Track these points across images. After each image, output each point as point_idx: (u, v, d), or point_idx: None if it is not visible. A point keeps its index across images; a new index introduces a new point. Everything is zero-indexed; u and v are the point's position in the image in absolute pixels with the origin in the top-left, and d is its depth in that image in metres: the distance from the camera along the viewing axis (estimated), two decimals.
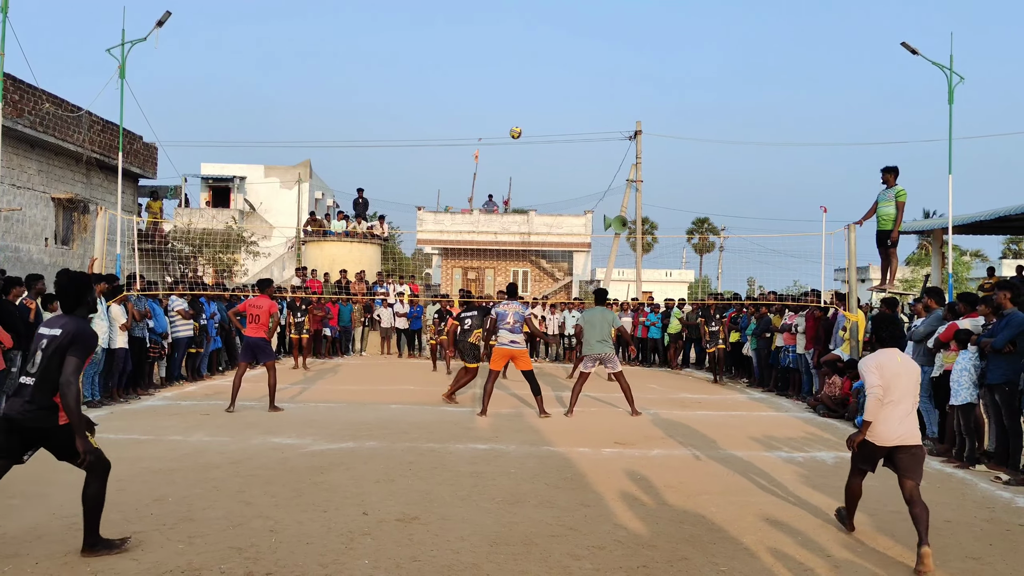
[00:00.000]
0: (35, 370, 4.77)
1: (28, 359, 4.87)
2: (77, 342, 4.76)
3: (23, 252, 19.25)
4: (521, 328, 11.40)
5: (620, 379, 11.67)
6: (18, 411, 4.73)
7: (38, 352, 4.81)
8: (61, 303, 5.01)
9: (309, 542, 5.35)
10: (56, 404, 4.76)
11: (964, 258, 42.80)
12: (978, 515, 6.56)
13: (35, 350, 4.84)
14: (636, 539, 5.63)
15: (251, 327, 11.28)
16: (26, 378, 4.79)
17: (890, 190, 12.38)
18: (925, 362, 9.61)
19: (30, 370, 4.80)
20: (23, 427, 4.74)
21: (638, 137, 27.87)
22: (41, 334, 4.89)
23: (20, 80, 18.05)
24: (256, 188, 36.24)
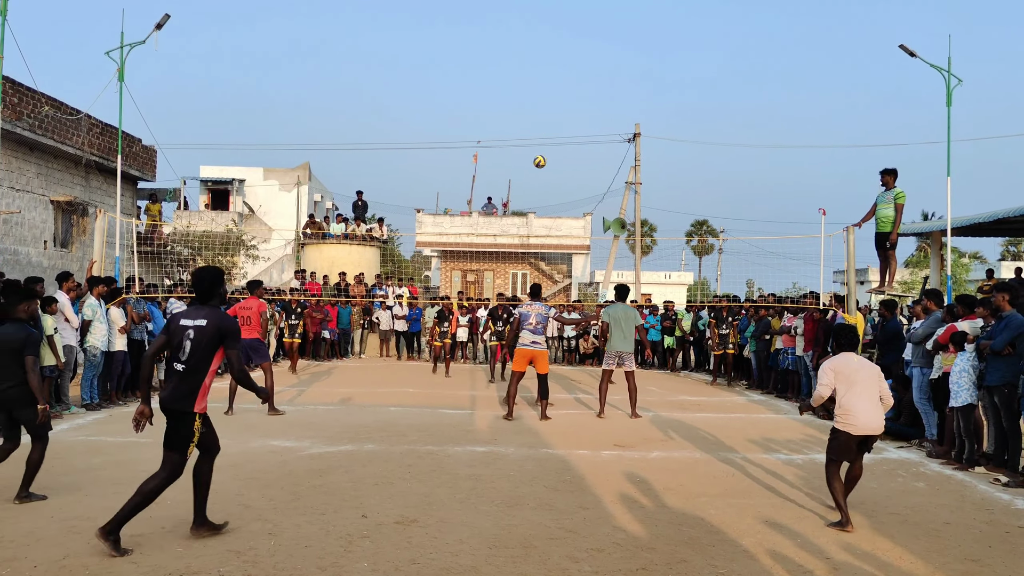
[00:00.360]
0: (185, 358, 5.21)
1: (177, 348, 5.23)
2: (228, 336, 5.27)
3: (22, 255, 19.24)
4: (544, 329, 11.40)
5: (631, 379, 11.73)
6: (167, 395, 5.20)
7: (187, 342, 5.22)
8: (197, 294, 5.42)
9: (308, 545, 5.35)
10: (195, 390, 5.21)
11: (963, 260, 42.84)
12: (977, 517, 6.56)
13: (182, 340, 5.23)
14: (635, 541, 5.62)
15: (244, 329, 11.22)
16: (177, 364, 5.23)
17: (889, 192, 12.38)
18: (924, 364, 9.61)
19: (181, 358, 5.22)
20: (167, 409, 5.19)
21: (637, 139, 27.89)
22: (185, 325, 5.26)
23: (19, 83, 18.05)
24: (255, 191, 36.23)
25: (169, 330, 5.34)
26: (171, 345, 5.30)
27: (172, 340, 5.29)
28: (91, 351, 11.15)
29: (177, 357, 5.25)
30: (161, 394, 5.26)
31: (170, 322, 5.39)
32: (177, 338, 5.27)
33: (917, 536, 5.94)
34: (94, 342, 11.13)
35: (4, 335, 6.31)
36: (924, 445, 9.57)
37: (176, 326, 5.32)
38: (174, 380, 5.23)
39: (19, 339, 6.27)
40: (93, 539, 5.30)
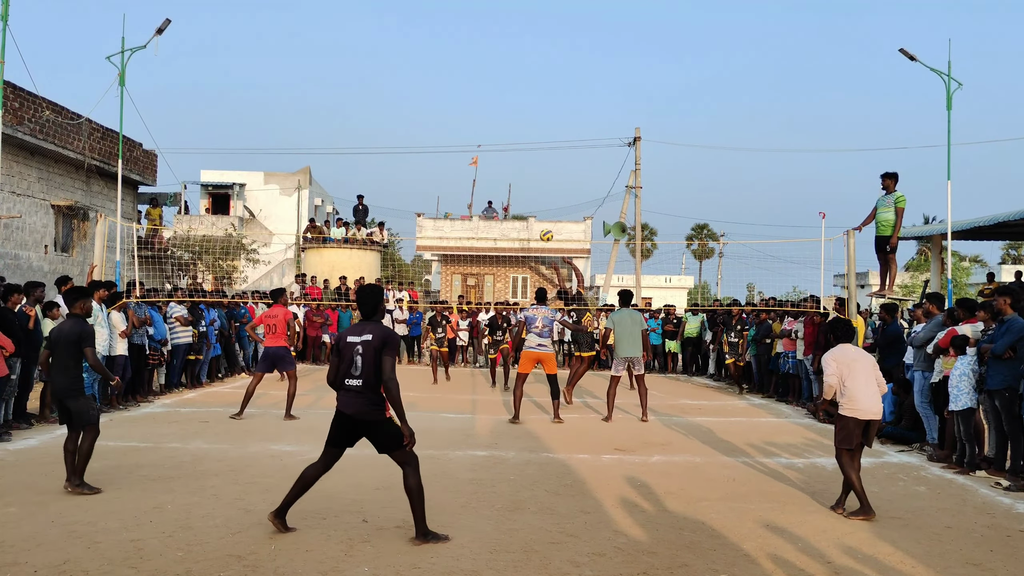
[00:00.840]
0: (359, 373, 5.50)
1: (349, 364, 5.52)
2: (388, 344, 5.50)
3: (23, 259, 19.25)
4: (550, 333, 11.51)
5: (641, 382, 11.82)
6: (355, 409, 5.51)
7: (357, 357, 5.51)
8: (362, 311, 5.75)
9: (308, 549, 5.34)
10: (382, 399, 5.50)
11: (963, 264, 42.81)
12: (979, 521, 6.55)
13: (352, 356, 5.52)
14: (636, 546, 5.62)
15: (270, 337, 11.41)
16: (352, 380, 5.52)
17: (889, 196, 12.37)
18: (925, 368, 9.60)
19: (354, 373, 5.51)
20: (357, 421, 5.53)
21: (637, 143, 27.91)
22: (352, 342, 5.56)
23: (20, 88, 18.07)
24: (256, 195, 36.25)
25: (339, 349, 5.63)
26: (342, 363, 5.56)
27: (343, 357, 5.56)
28: None
29: (350, 373, 5.52)
30: (345, 408, 5.55)
31: (338, 341, 5.69)
32: (348, 355, 5.55)
33: (918, 540, 5.93)
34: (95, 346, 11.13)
35: (64, 330, 6.84)
36: (925, 449, 9.56)
37: (344, 344, 5.60)
38: (354, 396, 5.52)
39: (75, 333, 6.78)
40: (93, 543, 5.30)
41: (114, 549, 5.23)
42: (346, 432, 5.65)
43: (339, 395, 5.60)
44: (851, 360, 6.78)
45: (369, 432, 5.60)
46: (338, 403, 5.61)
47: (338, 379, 5.59)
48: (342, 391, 5.57)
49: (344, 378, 5.55)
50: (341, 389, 5.58)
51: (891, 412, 10.61)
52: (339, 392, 5.60)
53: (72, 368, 6.79)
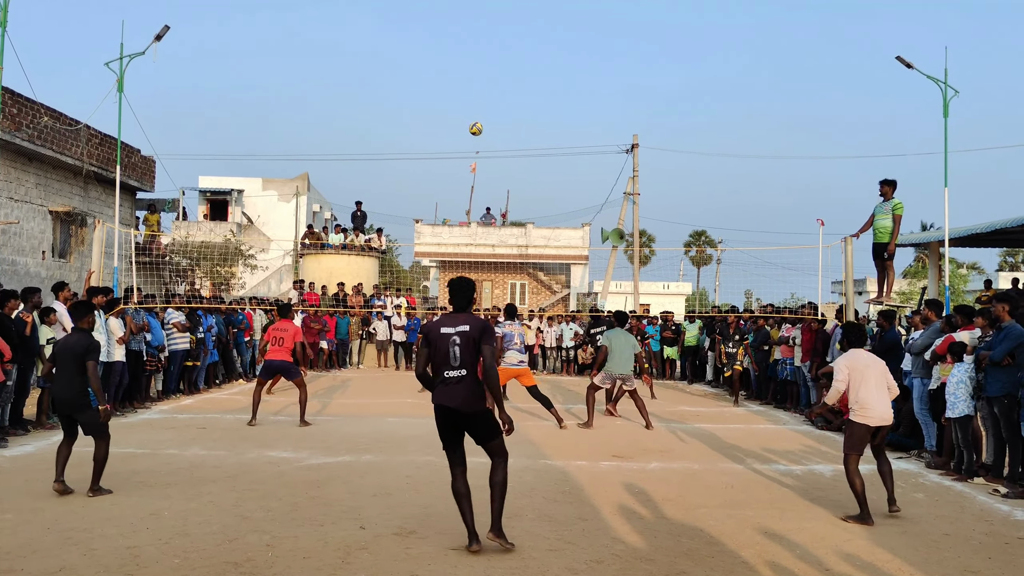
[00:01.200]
0: (458, 363, 5.43)
1: (445, 355, 5.43)
2: (486, 332, 5.48)
3: (20, 265, 19.23)
4: (524, 348, 11.81)
5: (635, 396, 11.86)
6: (459, 401, 5.41)
7: (454, 348, 5.43)
8: (456, 304, 5.66)
9: (306, 557, 5.33)
10: (483, 389, 5.50)
11: (961, 271, 42.91)
12: (977, 528, 6.54)
13: (448, 347, 5.43)
14: (634, 553, 5.61)
15: (275, 350, 11.39)
16: (451, 372, 5.44)
17: (887, 203, 12.40)
18: (924, 374, 9.60)
19: (453, 363, 5.43)
20: (461, 413, 5.43)
21: (635, 150, 27.96)
22: (446, 333, 5.47)
23: (18, 94, 18.08)
24: (254, 201, 36.26)
25: (430, 340, 5.51)
26: (436, 355, 5.47)
27: (438, 349, 5.46)
28: None
29: (448, 364, 5.44)
30: (449, 402, 5.43)
31: (429, 333, 5.55)
32: (443, 346, 5.45)
33: (916, 547, 5.93)
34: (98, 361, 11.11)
35: (69, 343, 6.98)
36: (923, 456, 9.56)
37: (438, 335, 5.49)
38: (455, 387, 5.43)
39: (82, 346, 6.88)
40: (89, 550, 5.29)
41: (110, 556, 5.22)
42: (454, 426, 5.53)
43: (440, 387, 5.48)
44: (863, 366, 6.81)
45: (470, 423, 5.51)
46: (437, 397, 5.49)
47: (433, 371, 5.51)
48: (441, 384, 5.47)
49: (443, 370, 5.45)
50: (439, 382, 5.47)
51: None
52: (437, 385, 5.50)
53: (78, 381, 6.85)
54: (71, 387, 6.84)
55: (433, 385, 5.55)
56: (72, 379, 6.83)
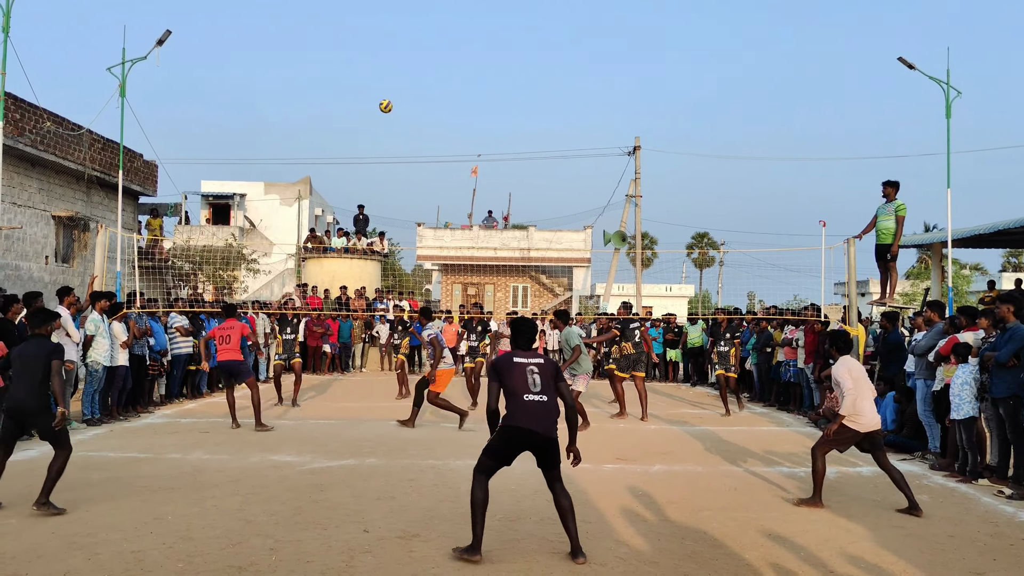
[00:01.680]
0: (539, 389, 5.53)
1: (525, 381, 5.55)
2: (559, 371, 5.74)
3: (23, 270, 19.25)
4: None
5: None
6: (545, 426, 5.48)
7: (534, 376, 5.57)
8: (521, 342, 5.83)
9: (309, 560, 5.33)
10: (558, 416, 5.57)
11: (964, 271, 42.84)
12: (981, 530, 6.53)
13: (526, 374, 5.56)
14: (638, 556, 5.60)
15: (223, 350, 11.30)
16: (533, 396, 5.51)
17: (890, 204, 12.39)
18: (927, 376, 9.58)
19: (534, 389, 5.53)
20: (540, 439, 5.49)
21: (637, 152, 27.97)
22: (522, 362, 5.63)
23: (21, 99, 18.10)
24: (256, 205, 36.29)
25: (506, 371, 5.58)
26: (516, 380, 5.54)
27: (515, 376, 5.54)
28: (93, 366, 11.14)
29: (529, 389, 5.51)
30: (531, 425, 5.46)
31: (502, 365, 5.63)
32: (520, 373, 5.55)
33: (921, 549, 5.91)
34: (96, 357, 11.13)
35: (29, 349, 6.62)
36: (927, 458, 9.54)
37: (513, 364, 5.60)
38: (541, 411, 5.49)
39: (46, 349, 6.56)
40: (93, 554, 5.29)
41: (114, 560, 5.22)
42: (519, 448, 5.57)
43: (519, 411, 5.47)
44: (860, 374, 7.09)
45: (542, 448, 5.55)
46: (519, 420, 5.46)
47: (516, 395, 5.50)
48: (524, 405, 5.47)
49: (523, 393, 5.49)
50: (522, 404, 5.47)
51: (893, 420, 10.59)
52: (519, 407, 5.47)
53: (42, 387, 6.49)
54: (34, 393, 6.45)
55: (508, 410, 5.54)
56: (35, 385, 6.44)
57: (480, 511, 5.45)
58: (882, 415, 10.76)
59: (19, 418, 6.56)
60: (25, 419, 6.56)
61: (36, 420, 6.55)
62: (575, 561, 5.34)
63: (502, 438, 5.54)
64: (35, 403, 6.48)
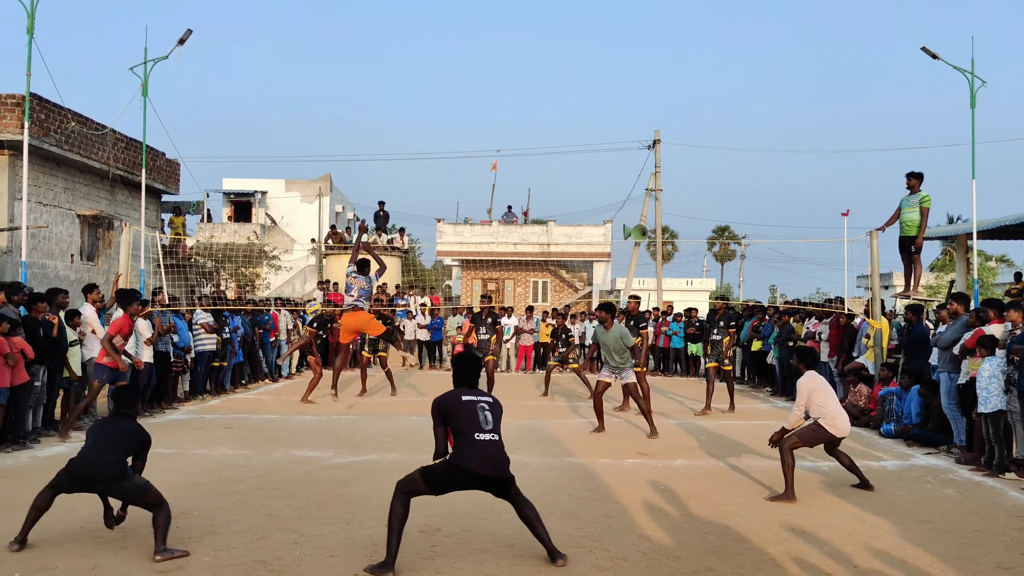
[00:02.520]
0: (490, 428, 5.28)
1: (474, 420, 5.26)
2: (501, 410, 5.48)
3: (50, 268, 19.50)
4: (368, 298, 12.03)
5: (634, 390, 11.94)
6: (494, 468, 5.21)
7: (485, 413, 5.31)
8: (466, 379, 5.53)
9: (333, 555, 5.37)
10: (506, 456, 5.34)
11: (989, 263, 42.22)
12: (1009, 524, 6.46)
13: (476, 412, 5.29)
14: (660, 550, 5.59)
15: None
16: (484, 435, 5.23)
17: (914, 195, 12.24)
18: (952, 369, 9.47)
19: (485, 427, 5.26)
20: (491, 481, 5.25)
21: (657, 146, 27.82)
22: (471, 400, 5.35)
23: (46, 99, 18.32)
24: (277, 202, 36.51)
25: (452, 410, 5.30)
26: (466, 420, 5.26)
27: (465, 415, 5.27)
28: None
29: (480, 428, 5.23)
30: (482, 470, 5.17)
31: (448, 403, 5.33)
32: (470, 412, 5.28)
33: (947, 544, 5.86)
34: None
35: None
36: (953, 452, 9.44)
37: (460, 403, 5.33)
38: (492, 451, 5.23)
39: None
40: (121, 548, 5.36)
41: (141, 554, 5.29)
42: (461, 487, 5.33)
43: (470, 452, 5.17)
44: (825, 385, 7.53)
45: (494, 487, 5.33)
46: (469, 462, 5.15)
47: (466, 434, 5.21)
48: (476, 445, 5.17)
49: (474, 432, 5.21)
50: (473, 444, 5.18)
51: (918, 414, 10.49)
52: (470, 448, 5.17)
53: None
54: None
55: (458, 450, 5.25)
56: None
57: (399, 526, 5.11)
58: (907, 409, 10.68)
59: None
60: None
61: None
62: (555, 564, 5.17)
63: (447, 474, 5.22)
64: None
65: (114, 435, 5.67)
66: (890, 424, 10.76)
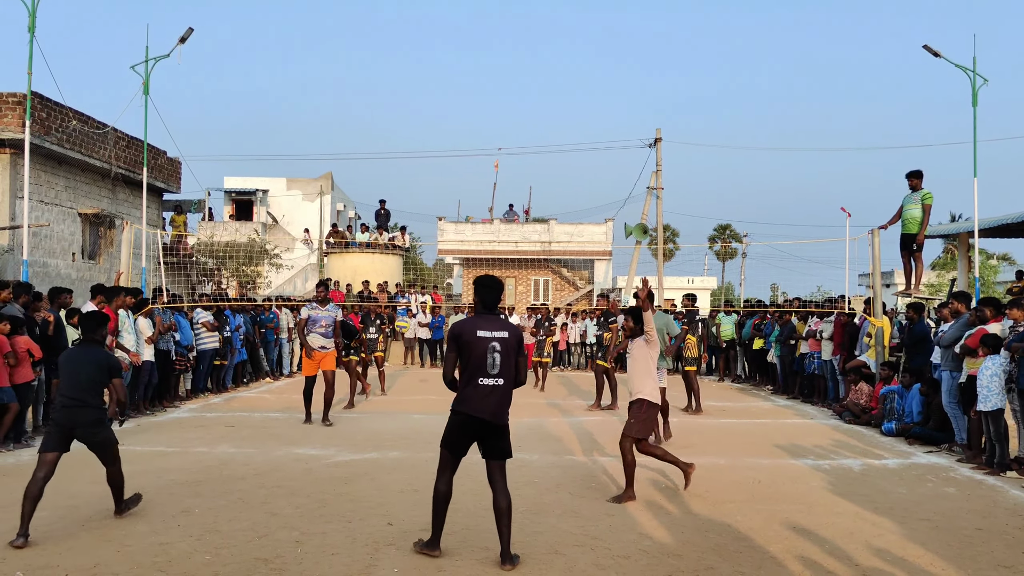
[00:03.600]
0: (497, 371, 5.09)
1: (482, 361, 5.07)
2: (522, 343, 5.28)
3: (51, 267, 19.53)
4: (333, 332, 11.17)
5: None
6: (492, 411, 5.11)
7: (495, 354, 5.07)
8: (487, 301, 5.27)
9: (335, 553, 5.37)
10: (509, 403, 5.25)
11: (991, 262, 42.19)
12: (1010, 523, 6.46)
13: (486, 352, 5.07)
14: (662, 548, 5.59)
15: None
16: (488, 380, 5.09)
17: (916, 193, 12.26)
18: (953, 367, 9.46)
19: (491, 371, 5.08)
20: (491, 426, 5.14)
21: (658, 144, 27.80)
22: (484, 336, 5.09)
23: (47, 98, 18.35)
24: (279, 201, 36.52)
25: (462, 342, 5.10)
26: (473, 358, 5.09)
27: (474, 353, 5.08)
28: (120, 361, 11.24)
29: (485, 371, 5.08)
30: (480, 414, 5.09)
31: (461, 335, 5.11)
32: (480, 350, 5.07)
33: (948, 542, 5.86)
34: (122, 353, 11.23)
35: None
36: (954, 450, 9.44)
37: (475, 338, 5.08)
38: (490, 396, 5.09)
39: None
40: (123, 546, 5.38)
41: (143, 553, 5.30)
42: (471, 437, 5.21)
43: (468, 395, 5.10)
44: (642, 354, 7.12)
45: (492, 435, 5.18)
46: (465, 405, 5.11)
47: (472, 376, 5.07)
48: (478, 390, 5.07)
49: (479, 377, 5.06)
50: (476, 388, 5.08)
51: (919, 413, 10.49)
52: (467, 391, 5.11)
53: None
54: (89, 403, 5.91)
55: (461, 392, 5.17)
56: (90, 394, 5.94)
57: (442, 506, 5.21)
58: (908, 407, 10.67)
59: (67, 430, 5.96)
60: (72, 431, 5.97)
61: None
62: (502, 567, 5.06)
63: (452, 426, 5.21)
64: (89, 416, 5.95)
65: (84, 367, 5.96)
66: (891, 422, 10.76)
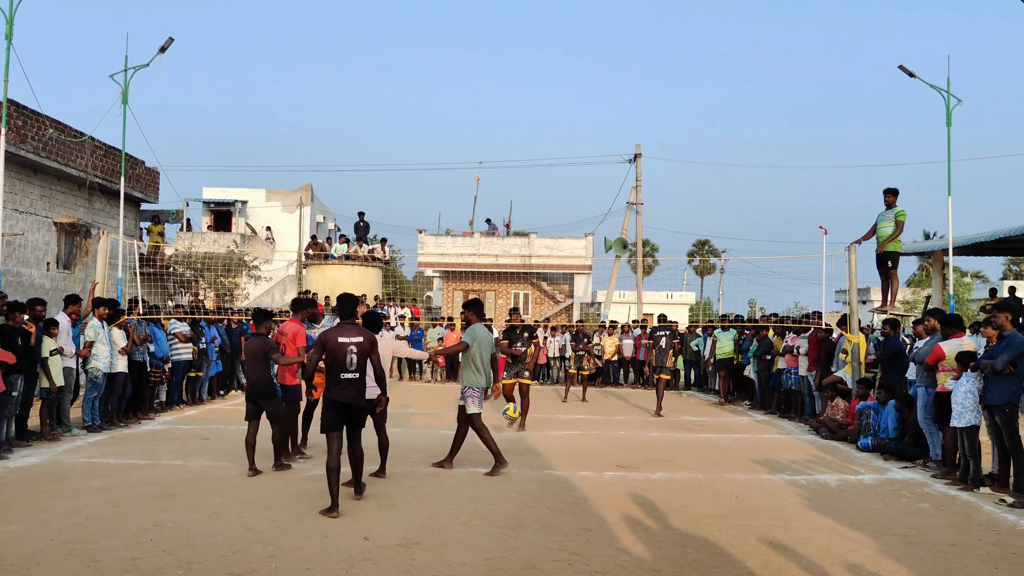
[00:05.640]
0: (353, 368, 6.89)
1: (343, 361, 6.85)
2: (374, 346, 7.10)
3: (25, 277, 19.28)
4: None
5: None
6: (352, 398, 6.95)
7: (354, 355, 6.88)
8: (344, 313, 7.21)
9: (310, 567, 5.32)
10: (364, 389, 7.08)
11: (965, 279, 42.77)
12: (983, 538, 6.51)
13: (345, 354, 6.85)
14: (639, 563, 5.59)
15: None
16: (347, 375, 6.87)
17: (890, 211, 12.44)
18: (928, 383, 9.54)
19: (350, 368, 6.87)
20: (352, 407, 6.98)
21: (638, 160, 28.01)
22: (344, 342, 6.87)
23: (24, 106, 18.17)
24: (258, 212, 36.33)
25: (328, 348, 6.87)
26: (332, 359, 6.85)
27: (337, 355, 6.86)
28: (93, 372, 11.11)
29: (345, 368, 6.86)
30: (344, 399, 6.88)
31: (328, 342, 6.86)
32: (340, 354, 6.86)
33: (923, 558, 5.90)
34: (96, 363, 11.10)
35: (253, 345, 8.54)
36: (929, 466, 9.52)
37: (336, 344, 6.86)
38: (352, 387, 6.91)
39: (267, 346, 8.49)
40: (93, 561, 5.29)
41: (114, 567, 5.21)
42: (343, 415, 6.95)
43: (336, 386, 6.85)
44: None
45: (354, 413, 7.03)
46: (336, 395, 6.85)
47: (334, 372, 6.84)
48: (340, 383, 6.85)
49: (340, 372, 6.84)
50: (338, 381, 6.85)
51: (894, 428, 10.57)
52: (336, 384, 6.85)
53: (264, 373, 8.40)
54: (261, 380, 8.40)
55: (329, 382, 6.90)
56: (259, 372, 8.36)
57: (335, 476, 6.74)
58: (883, 423, 10.76)
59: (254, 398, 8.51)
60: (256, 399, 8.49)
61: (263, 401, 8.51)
62: (355, 497, 7.11)
63: (328, 410, 6.93)
64: (263, 388, 8.49)
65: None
66: (867, 438, 10.84)
